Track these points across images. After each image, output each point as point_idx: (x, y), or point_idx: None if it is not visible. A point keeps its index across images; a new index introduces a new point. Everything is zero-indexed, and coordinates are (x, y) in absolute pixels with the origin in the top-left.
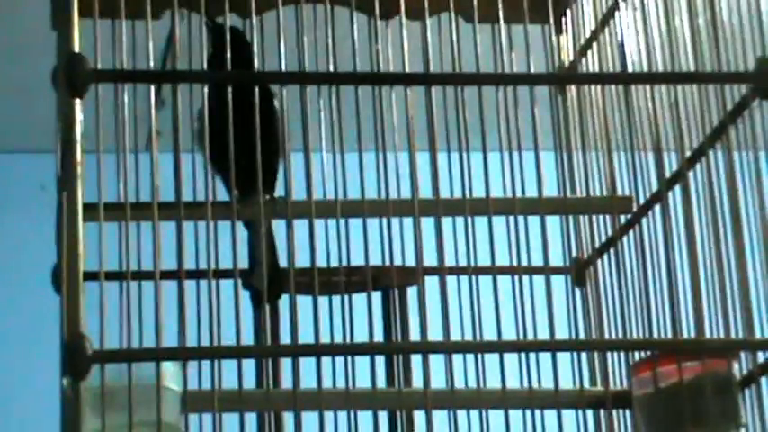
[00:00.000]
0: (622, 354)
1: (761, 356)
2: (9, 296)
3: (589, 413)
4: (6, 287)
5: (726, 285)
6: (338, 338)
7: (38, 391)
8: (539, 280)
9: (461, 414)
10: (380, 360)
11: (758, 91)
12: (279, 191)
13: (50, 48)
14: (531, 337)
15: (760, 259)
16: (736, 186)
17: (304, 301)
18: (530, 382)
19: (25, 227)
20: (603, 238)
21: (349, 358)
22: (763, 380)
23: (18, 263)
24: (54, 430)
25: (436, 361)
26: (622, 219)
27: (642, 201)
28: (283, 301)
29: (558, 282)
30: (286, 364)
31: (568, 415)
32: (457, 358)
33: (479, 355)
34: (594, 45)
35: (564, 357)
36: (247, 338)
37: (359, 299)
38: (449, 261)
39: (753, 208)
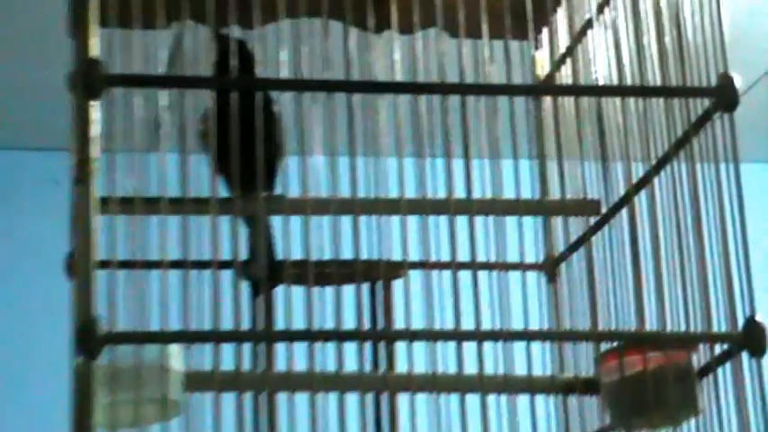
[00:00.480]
0: (591, 344)
1: (718, 348)
2: (24, 283)
3: (559, 398)
4: (21, 275)
5: (687, 282)
6: (329, 326)
7: (51, 372)
8: (514, 275)
9: (442, 398)
10: (368, 347)
11: (719, 104)
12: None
13: (64, 51)
14: (507, 327)
15: (718, 259)
16: (697, 191)
17: (298, 291)
18: (506, 368)
19: (39, 219)
20: (574, 238)
21: (338, 344)
22: (719, 370)
23: (32, 252)
24: (67, 408)
25: (419, 349)
26: (591, 220)
27: (610, 204)
28: (279, 291)
29: (532, 277)
30: (280, 348)
31: (541, 400)
32: (439, 346)
33: (459, 344)
34: (569, 60)
35: (537, 347)
36: (245, 324)
37: (348, 290)
38: (433, 257)
39: (713, 211)
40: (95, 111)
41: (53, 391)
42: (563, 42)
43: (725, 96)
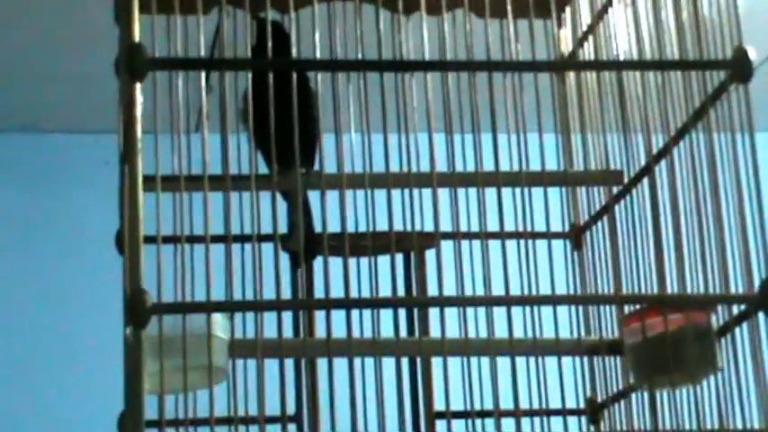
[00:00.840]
0: (614, 307)
1: (735, 309)
2: (77, 259)
3: (585, 360)
4: (75, 251)
5: (705, 247)
6: (365, 294)
7: (106, 342)
8: (541, 244)
9: (473, 360)
10: (402, 313)
11: (735, 76)
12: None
13: (112, 40)
14: (534, 293)
15: (735, 225)
16: (714, 160)
17: (335, 262)
18: (534, 332)
19: (91, 198)
20: (598, 207)
21: (375, 311)
22: (736, 330)
23: (85, 229)
24: (119, 375)
25: (451, 314)
26: (615, 190)
27: (632, 174)
28: (317, 262)
29: (558, 245)
30: (320, 316)
31: (567, 361)
32: (470, 312)
33: (489, 309)
34: (591, 37)
35: (563, 311)
36: (286, 294)
37: (383, 260)
38: (463, 227)
39: (729, 179)
40: (139, 93)
41: (109, 360)
42: (585, 20)
43: (740, 69)
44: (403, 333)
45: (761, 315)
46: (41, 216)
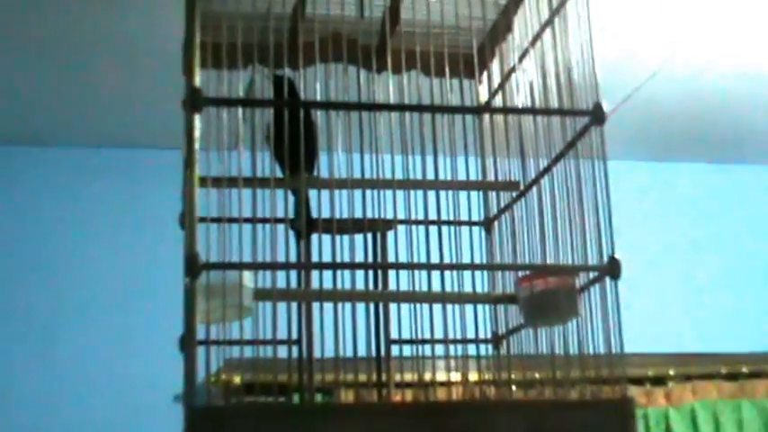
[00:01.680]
0: (512, 273)
1: (591, 275)
2: (157, 234)
3: (492, 307)
4: (155, 229)
5: (573, 233)
6: (346, 260)
7: (173, 289)
8: (465, 229)
9: (418, 306)
10: (370, 274)
11: (594, 120)
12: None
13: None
14: (460, 261)
15: (592, 218)
16: (580, 177)
17: (326, 238)
18: (459, 287)
19: (165, 191)
20: (503, 205)
21: (352, 272)
22: (591, 288)
23: (158, 214)
24: (178, 310)
25: (403, 275)
26: (514, 194)
27: (526, 183)
28: (314, 238)
29: (476, 230)
30: (315, 274)
31: (481, 307)
32: (416, 273)
33: (429, 272)
34: (500, 91)
35: (479, 274)
36: (292, 258)
37: (359, 238)
38: (413, 216)
39: (589, 189)
40: (198, 121)
41: (174, 301)
42: (496, 80)
43: (597, 116)
44: (371, 287)
45: (607, 279)
46: (138, 205)
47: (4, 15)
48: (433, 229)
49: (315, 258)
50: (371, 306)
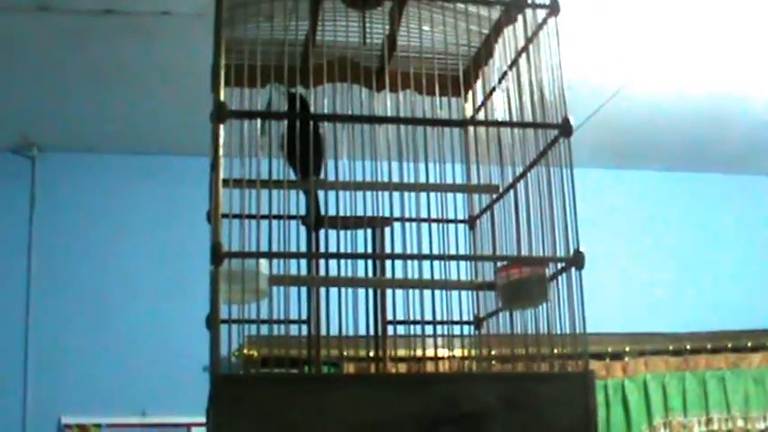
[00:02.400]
0: (492, 263)
1: (560, 265)
2: (187, 227)
3: (475, 293)
4: (186, 223)
5: (544, 229)
6: (349, 251)
7: (202, 274)
8: (452, 226)
9: (410, 292)
10: (369, 263)
11: (563, 133)
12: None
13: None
14: (447, 253)
15: (560, 216)
16: (551, 181)
17: (332, 233)
18: (446, 276)
19: (197, 192)
20: (484, 205)
21: (354, 261)
22: (559, 278)
23: (189, 210)
24: (205, 293)
25: (398, 264)
26: (494, 196)
27: (504, 187)
28: (322, 232)
29: (461, 227)
30: (322, 263)
31: (465, 293)
32: (408, 263)
33: (420, 262)
34: (483, 108)
35: (464, 264)
36: (302, 248)
37: (360, 232)
38: (407, 215)
39: (559, 193)
40: (222, 131)
41: (202, 285)
42: (479, 98)
43: (566, 129)
44: (370, 274)
45: (573, 269)
46: (172, 202)
47: (64, 45)
48: (424, 225)
49: (322, 249)
50: (371, 291)
